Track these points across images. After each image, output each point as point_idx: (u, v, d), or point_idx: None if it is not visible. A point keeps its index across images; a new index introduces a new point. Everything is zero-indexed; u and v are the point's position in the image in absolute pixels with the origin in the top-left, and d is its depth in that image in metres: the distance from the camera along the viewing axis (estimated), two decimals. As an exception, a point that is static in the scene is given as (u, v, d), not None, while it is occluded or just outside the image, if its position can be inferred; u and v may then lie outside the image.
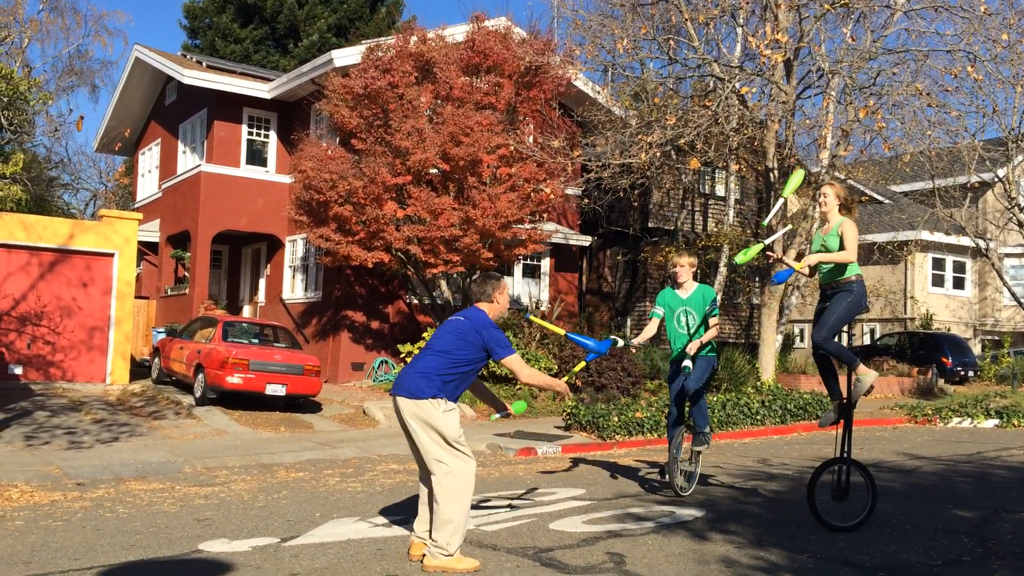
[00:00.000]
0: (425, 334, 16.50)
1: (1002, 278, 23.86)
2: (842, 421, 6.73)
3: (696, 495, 8.05)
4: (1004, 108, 21.77)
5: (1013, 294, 23.47)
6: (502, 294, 5.79)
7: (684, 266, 8.06)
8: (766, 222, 8.20)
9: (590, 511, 7.27)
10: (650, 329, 8.01)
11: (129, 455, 10.13)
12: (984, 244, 23.82)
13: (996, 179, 23.10)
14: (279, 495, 7.94)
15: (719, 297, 7.87)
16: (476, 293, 5.83)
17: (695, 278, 8.17)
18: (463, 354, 5.47)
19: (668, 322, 8.07)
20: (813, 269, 7.03)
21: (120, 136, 25.67)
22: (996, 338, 28.89)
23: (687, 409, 8.06)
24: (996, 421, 15.50)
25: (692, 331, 7.92)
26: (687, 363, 7.66)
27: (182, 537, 6.18)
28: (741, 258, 6.73)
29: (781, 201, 7.61)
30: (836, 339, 6.64)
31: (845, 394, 6.71)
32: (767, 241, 6.98)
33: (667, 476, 8.02)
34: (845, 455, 6.64)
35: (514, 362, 5.51)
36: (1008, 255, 27.97)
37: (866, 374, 6.53)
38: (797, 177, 6.92)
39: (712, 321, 7.86)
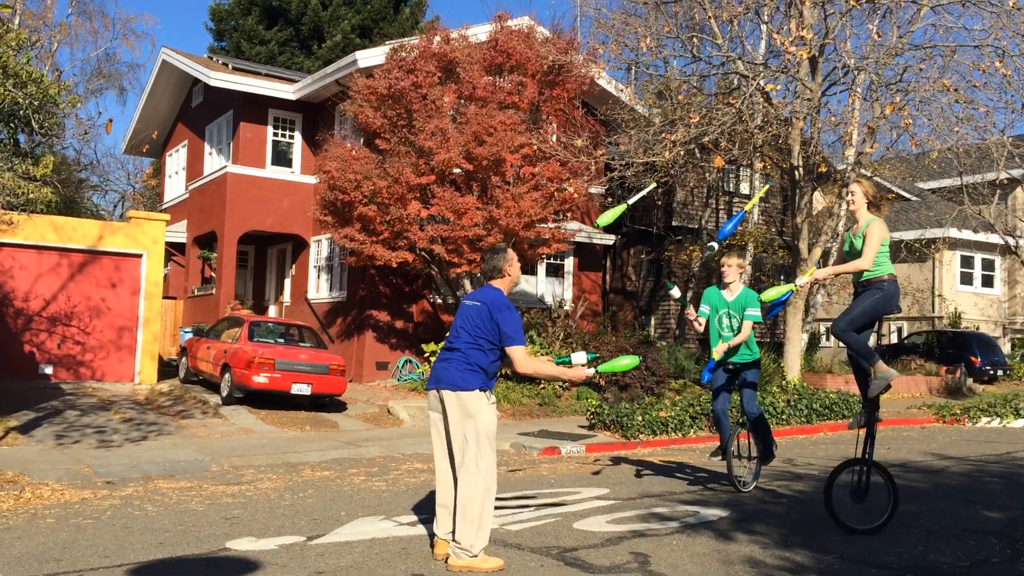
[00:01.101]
0: (448, 334, 16.61)
1: (1032, 276, 23.53)
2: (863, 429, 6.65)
3: (721, 495, 8.03)
4: (1034, 103, 21.46)
5: (1044, 292, 23.14)
6: (512, 265, 5.68)
7: (732, 267, 8.01)
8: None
9: (614, 511, 7.26)
10: (699, 325, 8.15)
11: (157, 454, 10.27)
12: (1014, 241, 23.47)
13: (1026, 175, 22.78)
14: (305, 494, 8.01)
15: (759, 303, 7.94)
16: (486, 271, 5.69)
17: (742, 280, 8.17)
18: (490, 339, 5.43)
19: (711, 322, 8.06)
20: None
21: (148, 138, 25.98)
22: (1026, 337, 28.48)
23: (726, 414, 8.10)
24: (1026, 421, 15.28)
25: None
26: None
27: (210, 535, 6.26)
28: (604, 220, 6.91)
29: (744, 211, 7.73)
30: (859, 334, 6.54)
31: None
32: (631, 201, 7.49)
33: (726, 467, 8.16)
34: (867, 455, 6.53)
35: (517, 352, 5.42)
36: (1039, 252, 27.54)
37: (884, 372, 6.43)
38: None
39: (745, 325, 7.82)
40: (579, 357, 5.93)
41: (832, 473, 6.61)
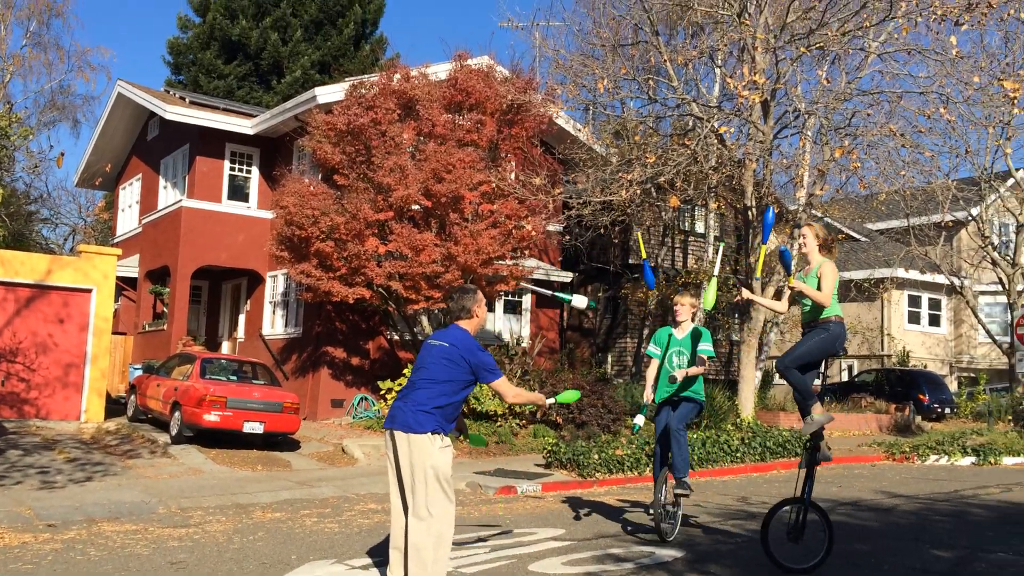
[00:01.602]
0: (406, 370, 16.48)
1: (977, 316, 24.14)
2: (821, 460, 6.66)
3: (676, 535, 8.02)
4: (977, 148, 22.23)
5: (988, 332, 23.74)
6: (480, 307, 5.66)
7: (684, 305, 8.01)
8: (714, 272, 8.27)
9: (570, 551, 7.22)
10: (651, 373, 8.08)
11: (102, 495, 9.98)
12: (959, 282, 24.10)
13: (970, 218, 23.46)
14: (255, 536, 7.84)
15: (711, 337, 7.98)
16: (455, 310, 5.64)
17: (694, 319, 8.19)
18: (455, 381, 5.35)
19: (662, 362, 8.07)
20: (788, 303, 7.14)
21: (101, 171, 25.60)
22: (972, 375, 29.12)
23: (669, 450, 8.05)
24: (973, 459, 15.58)
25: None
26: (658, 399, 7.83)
27: (155, 580, 6.08)
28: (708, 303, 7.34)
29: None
30: (804, 373, 6.57)
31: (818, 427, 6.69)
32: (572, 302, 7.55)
33: (652, 520, 7.98)
34: (804, 495, 6.54)
35: (502, 385, 5.47)
36: (982, 293, 28.33)
37: (820, 415, 6.48)
38: (712, 289, 7.46)
39: (701, 359, 7.82)
40: (579, 300, 6.52)
41: (769, 512, 6.62)
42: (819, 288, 6.50)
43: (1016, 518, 9.41)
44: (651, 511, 7.97)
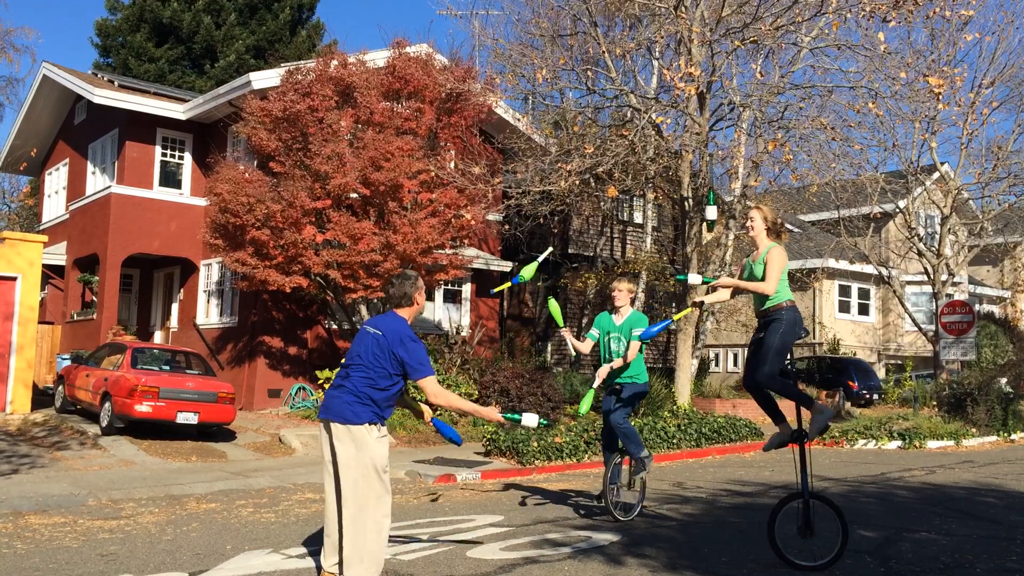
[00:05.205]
0: (344, 360, 16.34)
1: (903, 305, 24.90)
2: (795, 445, 6.45)
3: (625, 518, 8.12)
4: (904, 142, 22.92)
5: (914, 320, 24.51)
6: (420, 294, 5.48)
7: (622, 291, 8.13)
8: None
9: (508, 537, 7.27)
10: (584, 346, 8.26)
11: (29, 487, 9.69)
12: (886, 272, 24.83)
13: (897, 210, 24.18)
14: (188, 527, 7.70)
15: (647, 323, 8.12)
16: (395, 296, 5.45)
17: (632, 304, 8.32)
18: (388, 372, 5.22)
19: (601, 346, 8.19)
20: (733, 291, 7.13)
21: (26, 155, 24.74)
22: (899, 362, 30.08)
23: (619, 441, 8.17)
24: (899, 443, 16.11)
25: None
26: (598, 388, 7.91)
27: (84, 573, 5.94)
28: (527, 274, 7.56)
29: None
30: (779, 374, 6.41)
31: (791, 419, 6.53)
32: (540, 258, 8.13)
33: (603, 502, 8.11)
34: (806, 490, 6.26)
35: (429, 384, 5.23)
36: (909, 283, 29.26)
37: (821, 411, 6.39)
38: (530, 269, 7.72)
39: (632, 345, 7.93)
40: (530, 419, 5.67)
41: (774, 509, 6.38)
42: (763, 276, 6.24)
43: (938, 499, 9.78)
44: (601, 496, 8.11)
